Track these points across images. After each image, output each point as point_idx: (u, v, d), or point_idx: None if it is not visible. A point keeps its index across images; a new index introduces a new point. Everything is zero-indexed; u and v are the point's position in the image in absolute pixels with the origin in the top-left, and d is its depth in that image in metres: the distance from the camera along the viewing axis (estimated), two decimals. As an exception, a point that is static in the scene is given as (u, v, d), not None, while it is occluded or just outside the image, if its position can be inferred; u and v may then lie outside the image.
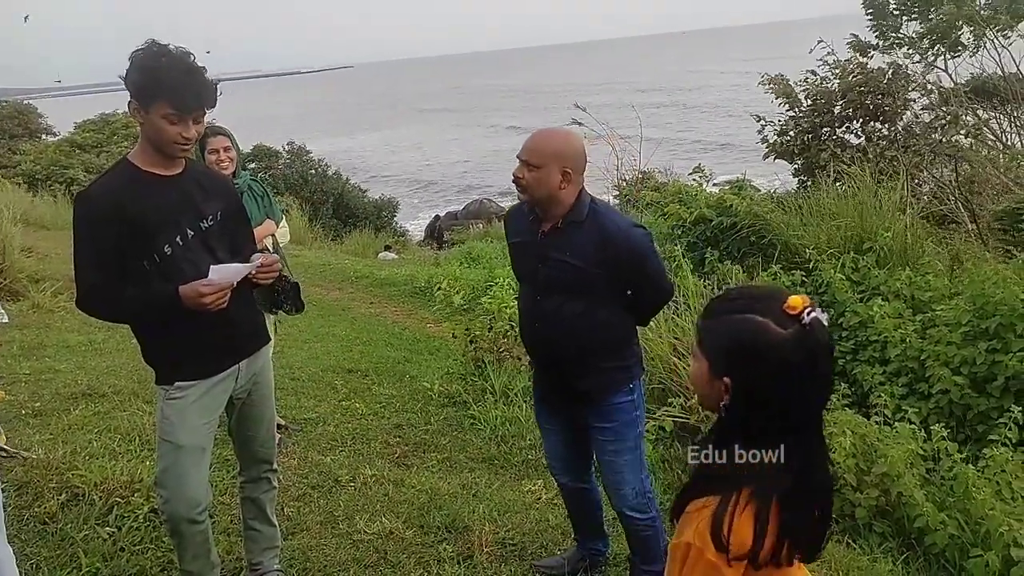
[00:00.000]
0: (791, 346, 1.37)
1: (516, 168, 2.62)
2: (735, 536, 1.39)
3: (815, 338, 1.38)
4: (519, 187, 2.63)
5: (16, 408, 4.59)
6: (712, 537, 1.39)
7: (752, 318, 1.41)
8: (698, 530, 1.41)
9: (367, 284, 10.54)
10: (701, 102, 54.39)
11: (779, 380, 1.39)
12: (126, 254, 2.34)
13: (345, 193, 21.25)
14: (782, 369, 1.38)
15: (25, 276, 7.88)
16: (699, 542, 1.41)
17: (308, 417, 4.94)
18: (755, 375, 1.41)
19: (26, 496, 3.42)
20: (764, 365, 1.39)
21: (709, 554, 1.38)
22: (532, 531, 3.48)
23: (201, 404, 2.49)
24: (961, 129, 10.01)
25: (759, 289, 1.55)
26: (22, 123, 23.87)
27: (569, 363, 2.73)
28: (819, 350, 1.39)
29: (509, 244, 2.97)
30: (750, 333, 1.40)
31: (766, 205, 7.38)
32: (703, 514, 1.42)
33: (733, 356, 1.43)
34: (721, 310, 1.49)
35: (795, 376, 1.38)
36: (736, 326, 1.43)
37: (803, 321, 1.37)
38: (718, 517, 1.39)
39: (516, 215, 2.91)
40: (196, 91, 2.30)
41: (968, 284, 4.97)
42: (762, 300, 1.44)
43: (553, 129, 2.76)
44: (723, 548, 1.38)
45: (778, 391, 1.40)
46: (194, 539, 2.54)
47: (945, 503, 3.66)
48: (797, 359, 1.37)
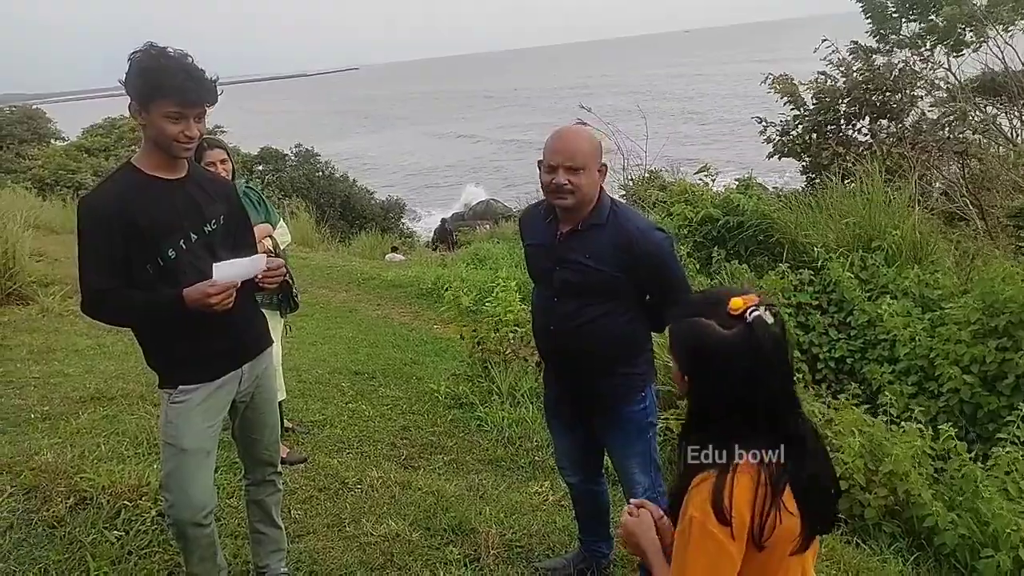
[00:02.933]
0: (735, 345, 1.50)
1: (556, 177, 2.51)
2: (736, 508, 1.44)
3: (758, 335, 1.50)
4: (563, 193, 2.52)
5: (26, 412, 4.61)
6: (713, 508, 1.44)
7: (699, 321, 1.55)
8: (700, 502, 1.47)
9: (374, 286, 10.55)
10: (706, 101, 54.30)
11: (727, 376, 1.52)
12: (130, 258, 2.35)
13: (352, 195, 21.30)
14: (728, 366, 1.51)
15: (34, 280, 7.93)
16: (699, 514, 1.46)
17: (315, 419, 4.95)
18: (706, 373, 1.56)
19: (35, 500, 3.42)
20: (712, 363, 1.53)
21: (711, 525, 1.45)
22: (539, 533, 3.47)
23: (204, 407, 2.49)
24: (969, 126, 9.94)
25: (711, 293, 1.66)
26: (31, 128, 24.02)
27: (584, 367, 2.71)
28: (764, 345, 1.51)
29: (525, 246, 2.91)
30: (698, 335, 1.55)
31: (773, 204, 7.35)
32: (704, 487, 1.48)
33: (687, 357, 1.59)
34: (680, 315, 1.62)
35: (742, 371, 1.51)
36: (688, 329, 1.58)
37: (747, 320, 1.50)
38: (718, 488, 1.46)
39: (532, 217, 2.87)
40: (196, 87, 2.31)
41: (978, 282, 4.94)
42: (710, 304, 1.57)
43: (573, 128, 2.69)
44: (725, 520, 1.43)
45: (729, 386, 1.53)
46: (200, 542, 2.54)
47: (954, 503, 3.63)
48: (742, 355, 1.50)
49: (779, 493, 1.46)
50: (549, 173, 2.55)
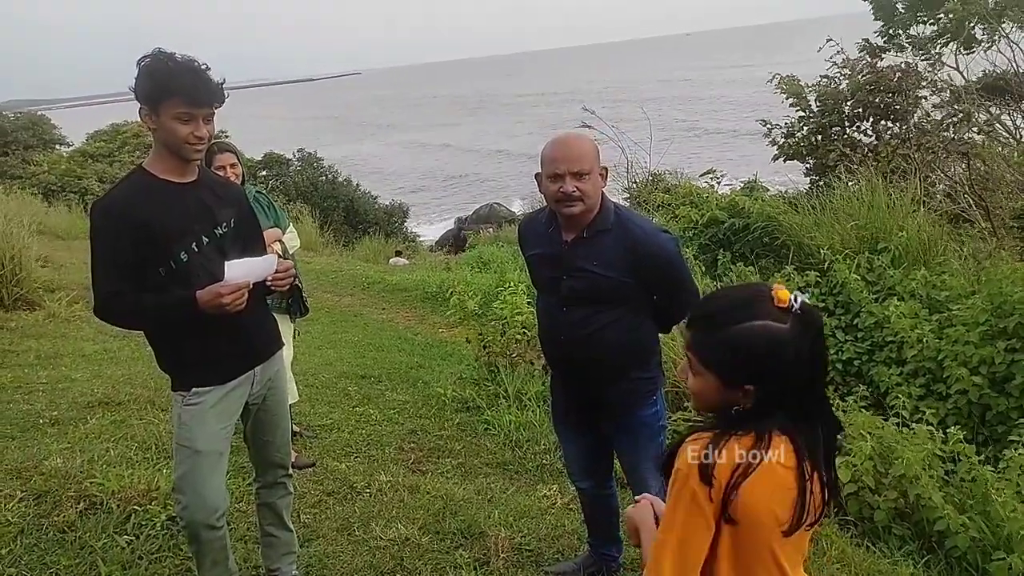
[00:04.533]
0: (798, 336, 1.46)
1: (563, 185, 2.47)
2: (720, 469, 1.42)
3: (811, 319, 1.48)
4: (572, 201, 2.50)
5: (34, 417, 4.62)
6: (698, 465, 1.43)
7: (752, 326, 1.46)
8: (688, 457, 1.46)
9: (379, 290, 10.56)
10: (710, 103, 54.31)
11: (798, 368, 1.47)
12: (142, 261, 2.36)
13: (356, 199, 21.35)
14: (798, 358, 1.46)
15: (41, 286, 7.96)
16: (685, 468, 1.45)
17: (322, 423, 4.95)
18: (778, 374, 1.47)
19: (45, 505, 3.43)
20: (783, 363, 1.46)
21: (692, 481, 1.43)
22: (548, 536, 3.46)
23: (219, 409, 2.50)
24: (974, 126, 9.93)
25: (743, 293, 1.56)
26: (36, 134, 24.09)
27: (596, 374, 2.69)
28: (817, 327, 1.50)
29: (527, 257, 2.86)
30: (760, 340, 1.46)
31: (778, 206, 7.35)
32: (697, 443, 1.46)
33: (751, 365, 1.48)
34: (713, 324, 1.52)
35: (807, 359, 1.47)
36: (741, 338, 1.47)
37: (794, 310, 1.46)
38: (709, 448, 1.44)
39: (532, 226, 2.84)
40: (204, 87, 2.35)
41: (985, 283, 4.92)
42: (750, 305, 1.49)
43: (571, 134, 2.68)
44: (707, 480, 1.41)
45: (800, 378, 1.48)
46: (213, 545, 2.55)
47: (965, 505, 3.61)
48: (806, 344, 1.47)
49: (765, 450, 1.43)
50: (555, 182, 2.51)
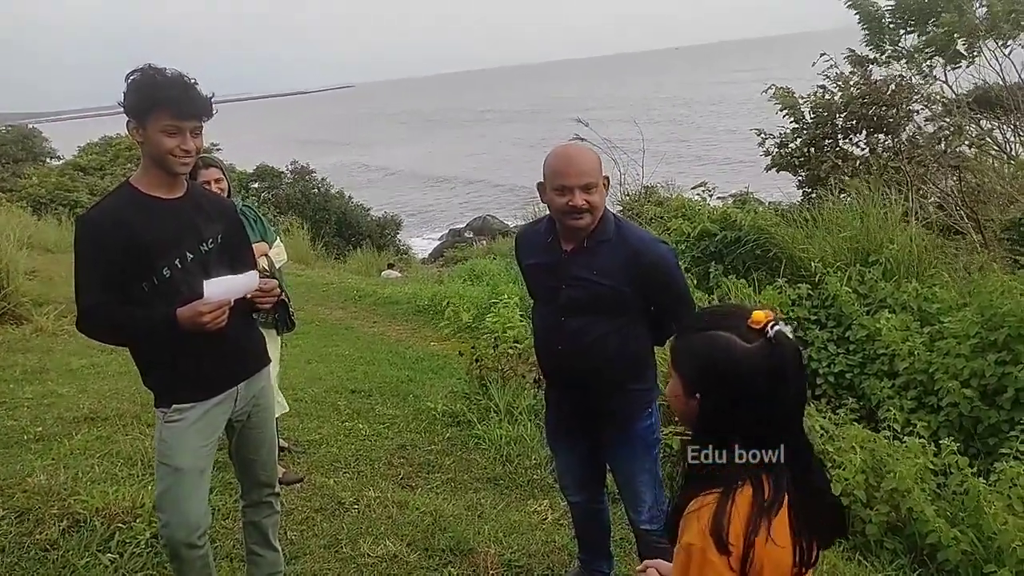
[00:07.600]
0: (758, 358, 1.43)
1: (572, 198, 2.46)
2: (734, 535, 1.39)
3: (780, 350, 1.44)
4: (581, 214, 2.49)
5: (18, 433, 4.57)
6: (713, 537, 1.40)
7: (718, 334, 1.47)
8: (699, 530, 1.42)
9: (370, 303, 10.51)
10: (701, 117, 54.63)
11: (747, 391, 1.44)
12: (126, 276, 2.34)
13: (348, 211, 21.35)
14: (749, 381, 1.43)
15: (28, 300, 7.91)
16: (700, 542, 1.41)
17: (311, 438, 4.90)
18: (723, 388, 1.46)
19: (27, 523, 3.39)
20: (733, 378, 1.45)
21: (711, 554, 1.39)
22: (539, 552, 3.43)
23: (200, 426, 2.47)
24: (965, 140, 9.98)
25: (725, 307, 1.61)
26: (26, 147, 24.07)
27: (594, 385, 2.68)
28: (786, 359, 1.45)
29: (524, 267, 2.86)
30: (718, 349, 1.46)
31: (770, 218, 7.35)
32: (703, 513, 1.43)
33: (705, 373, 1.49)
34: (692, 328, 1.55)
35: (763, 386, 1.43)
36: (704, 344, 1.49)
37: (767, 335, 1.44)
38: (718, 516, 1.41)
39: (529, 236, 2.84)
40: (191, 100, 2.34)
41: (976, 295, 4.92)
42: (728, 317, 1.50)
43: (576, 146, 2.69)
44: (725, 550, 1.39)
45: (749, 402, 1.45)
46: (194, 564, 2.51)
47: (957, 518, 3.60)
48: (765, 370, 1.43)
49: (774, 513, 1.41)
50: (563, 195, 2.49)
